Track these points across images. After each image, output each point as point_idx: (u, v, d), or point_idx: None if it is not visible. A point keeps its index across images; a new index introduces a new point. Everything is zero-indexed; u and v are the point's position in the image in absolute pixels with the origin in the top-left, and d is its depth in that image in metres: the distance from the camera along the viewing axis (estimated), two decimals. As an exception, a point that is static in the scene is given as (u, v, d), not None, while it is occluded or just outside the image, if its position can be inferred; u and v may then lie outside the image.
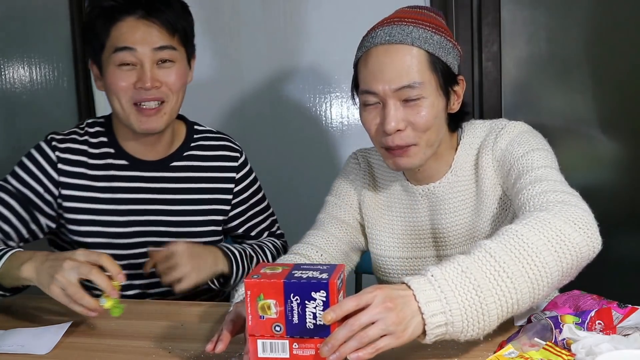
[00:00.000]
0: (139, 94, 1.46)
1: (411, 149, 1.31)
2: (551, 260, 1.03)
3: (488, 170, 1.36)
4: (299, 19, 2.32)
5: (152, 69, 1.46)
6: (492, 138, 1.37)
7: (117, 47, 1.45)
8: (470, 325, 0.99)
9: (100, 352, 1.21)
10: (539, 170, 1.25)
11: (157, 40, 1.46)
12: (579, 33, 2.24)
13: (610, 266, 2.30)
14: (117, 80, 1.46)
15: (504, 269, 1.00)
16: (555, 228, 1.06)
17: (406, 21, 1.30)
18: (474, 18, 2.24)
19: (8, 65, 2.27)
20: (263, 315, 0.98)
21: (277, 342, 0.98)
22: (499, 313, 1.00)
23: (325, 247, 1.43)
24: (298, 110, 2.37)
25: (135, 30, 1.45)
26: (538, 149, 1.31)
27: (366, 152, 1.55)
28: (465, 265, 1.00)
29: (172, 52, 1.49)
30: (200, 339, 1.24)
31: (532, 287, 1.02)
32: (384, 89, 1.28)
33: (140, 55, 1.45)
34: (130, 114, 1.48)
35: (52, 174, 1.52)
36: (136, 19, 1.46)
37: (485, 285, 0.99)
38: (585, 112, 2.27)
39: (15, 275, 1.29)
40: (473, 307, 0.98)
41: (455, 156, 1.40)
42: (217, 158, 1.65)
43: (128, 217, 1.56)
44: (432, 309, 0.97)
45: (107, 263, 1.22)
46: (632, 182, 2.26)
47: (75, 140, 1.56)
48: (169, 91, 1.49)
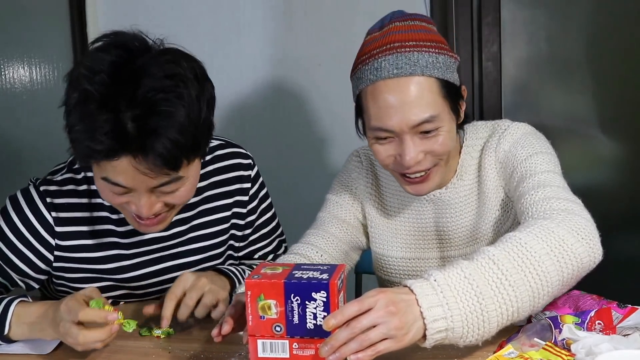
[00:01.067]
0: (137, 211, 1.22)
1: (431, 172, 1.29)
2: (553, 270, 1.03)
3: (491, 172, 1.35)
4: (299, 19, 2.32)
5: (149, 198, 1.19)
6: (495, 140, 1.36)
7: (106, 178, 1.17)
8: (470, 331, 0.99)
9: (101, 352, 1.21)
10: (542, 175, 1.24)
11: (157, 179, 1.16)
12: (579, 33, 2.23)
13: (610, 266, 2.29)
14: (106, 197, 1.23)
15: (507, 277, 1.00)
16: (559, 237, 1.06)
17: (408, 46, 1.24)
18: (474, 18, 2.24)
19: (8, 65, 2.27)
20: (263, 316, 0.97)
21: (277, 342, 0.98)
22: (499, 320, 1.00)
23: (325, 247, 1.43)
24: (298, 110, 2.36)
25: (128, 172, 1.14)
26: (542, 152, 1.30)
27: (368, 150, 1.53)
28: (469, 271, 1.00)
29: (178, 182, 1.20)
30: (200, 339, 1.24)
31: (532, 296, 1.02)
32: (400, 127, 1.23)
33: (134, 190, 1.18)
34: (128, 218, 1.28)
35: (47, 239, 1.34)
36: (129, 162, 1.12)
37: (487, 293, 0.99)
38: (585, 112, 2.27)
39: (34, 336, 1.22)
40: (474, 313, 0.98)
41: (460, 160, 1.39)
42: (230, 181, 1.47)
43: (143, 270, 1.42)
44: (434, 314, 0.97)
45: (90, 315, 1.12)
46: (632, 182, 2.26)
47: (74, 193, 1.35)
48: (172, 206, 1.26)
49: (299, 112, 2.36)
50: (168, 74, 1.12)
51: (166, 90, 1.11)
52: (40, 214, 1.33)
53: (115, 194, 1.20)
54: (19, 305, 1.21)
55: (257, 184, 1.52)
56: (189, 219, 1.44)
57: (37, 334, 1.21)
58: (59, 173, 1.38)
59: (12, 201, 1.35)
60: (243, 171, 1.49)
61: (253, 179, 1.51)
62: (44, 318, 1.18)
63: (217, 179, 1.46)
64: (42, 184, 1.35)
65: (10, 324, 1.20)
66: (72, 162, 1.39)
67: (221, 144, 1.50)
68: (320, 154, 2.36)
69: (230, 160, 1.48)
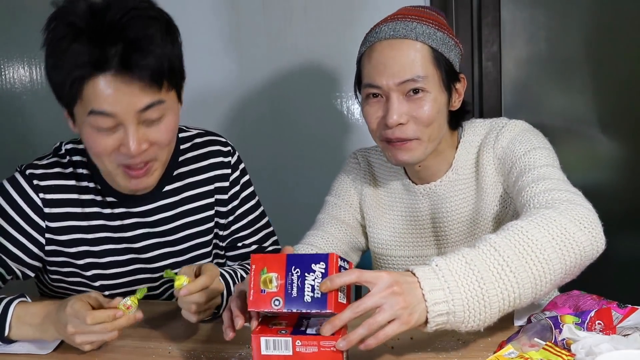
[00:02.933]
0: (124, 158, 1.23)
1: (412, 143, 1.31)
2: (555, 258, 1.04)
3: (489, 168, 1.36)
4: (299, 19, 2.32)
5: (137, 131, 1.20)
6: (493, 136, 1.37)
7: (92, 110, 1.18)
8: (471, 316, 0.99)
9: (101, 352, 1.21)
10: (541, 169, 1.25)
11: (142, 99, 1.19)
12: (579, 33, 2.24)
13: (610, 266, 2.30)
14: (95, 145, 1.23)
15: (508, 264, 1.01)
16: (561, 226, 1.06)
17: (410, 17, 1.32)
18: (474, 18, 2.24)
19: (8, 65, 2.27)
20: (264, 290, 0.99)
21: (280, 340, 0.98)
22: (500, 306, 1.01)
23: (325, 247, 1.44)
24: (298, 111, 2.37)
25: (112, 91, 1.16)
26: (539, 147, 1.32)
27: (366, 151, 1.55)
28: (470, 257, 1.01)
29: (161, 106, 1.22)
30: (200, 339, 1.24)
31: (534, 283, 1.02)
32: (387, 83, 1.29)
33: (121, 119, 1.19)
34: (117, 174, 1.28)
35: (37, 221, 1.35)
36: (112, 76, 1.16)
37: (489, 278, 1.00)
38: (585, 112, 2.27)
39: (35, 337, 1.21)
40: (475, 298, 0.99)
41: (456, 154, 1.41)
42: (210, 168, 1.48)
43: (128, 256, 1.43)
44: (435, 297, 0.97)
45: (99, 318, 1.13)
46: (632, 182, 2.26)
47: (60, 175, 1.37)
48: (158, 149, 1.26)
49: (298, 112, 2.36)
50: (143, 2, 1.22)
51: (142, 14, 1.19)
52: (28, 196, 1.34)
53: (104, 135, 1.21)
54: (18, 305, 1.21)
55: (238, 171, 1.52)
56: (174, 205, 1.45)
57: (38, 335, 1.21)
58: (44, 158, 1.41)
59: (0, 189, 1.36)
60: (223, 157, 1.49)
61: (233, 165, 1.51)
62: (47, 319, 1.18)
63: (197, 165, 1.47)
64: (28, 168, 1.37)
65: (10, 325, 1.20)
66: (56, 148, 1.42)
67: (200, 132, 1.52)
68: (320, 154, 2.36)
69: (208, 147, 1.49)
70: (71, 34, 1.17)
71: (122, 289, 1.45)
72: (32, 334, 1.21)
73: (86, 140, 1.25)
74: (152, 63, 1.17)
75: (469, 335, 1.16)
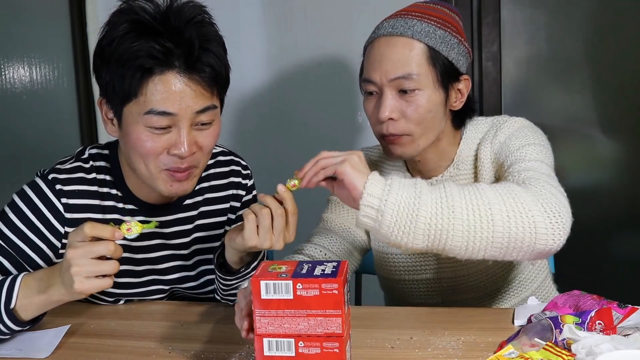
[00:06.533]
0: (172, 161, 1.24)
1: (403, 139, 1.33)
2: (499, 219, 1.05)
3: (486, 162, 1.38)
4: (299, 19, 2.32)
5: (189, 133, 1.22)
6: (492, 132, 1.39)
7: (151, 109, 1.19)
8: (397, 224, 1.05)
9: (100, 352, 1.21)
10: (529, 162, 1.26)
11: (200, 102, 1.22)
12: (579, 33, 2.24)
13: (610, 266, 2.30)
14: (145, 143, 1.22)
15: (448, 199, 1.07)
16: (519, 198, 1.08)
17: (412, 15, 1.33)
18: (474, 18, 2.24)
19: (8, 65, 2.27)
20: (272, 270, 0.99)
21: (282, 341, 0.98)
22: (425, 230, 1.05)
23: (330, 246, 1.44)
24: (298, 110, 2.36)
25: (175, 90, 1.19)
26: (535, 143, 1.32)
27: (368, 150, 1.56)
28: (420, 183, 1.09)
29: (213, 111, 1.25)
30: (200, 339, 1.24)
31: (467, 229, 1.05)
32: (380, 79, 1.31)
33: (178, 119, 1.21)
34: (158, 178, 1.26)
35: (56, 226, 1.33)
36: (176, 74, 1.19)
37: (425, 201, 1.05)
38: (585, 112, 2.27)
39: (41, 302, 1.17)
40: (406, 209, 1.05)
41: (458, 150, 1.42)
42: (228, 186, 1.48)
43: (143, 267, 1.41)
44: (372, 189, 1.06)
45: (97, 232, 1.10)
46: (632, 182, 2.25)
47: (84, 181, 1.35)
48: (203, 156, 1.28)
49: (298, 112, 2.36)
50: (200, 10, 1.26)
51: (204, 19, 1.25)
52: (50, 201, 1.32)
53: (156, 136, 1.21)
54: (25, 276, 1.19)
55: (251, 195, 1.53)
56: (191, 219, 1.44)
57: (44, 300, 1.16)
58: (66, 162, 1.38)
59: (19, 194, 1.33)
60: (241, 179, 1.50)
61: (248, 188, 1.52)
62: (52, 277, 1.15)
63: (217, 182, 1.48)
64: (50, 173, 1.35)
65: (17, 295, 1.16)
66: (79, 152, 1.40)
67: (223, 151, 1.53)
68: (320, 154, 2.36)
69: (230, 167, 1.50)
70: (137, 30, 1.19)
71: (132, 297, 1.44)
72: (38, 300, 1.16)
73: (135, 140, 1.23)
74: (213, 64, 1.22)
75: (469, 336, 1.16)
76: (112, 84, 1.22)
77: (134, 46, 1.18)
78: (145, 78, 1.19)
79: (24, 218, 1.31)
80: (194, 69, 1.20)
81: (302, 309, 0.96)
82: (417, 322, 1.27)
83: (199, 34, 1.21)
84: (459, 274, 1.44)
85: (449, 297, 1.47)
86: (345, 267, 0.99)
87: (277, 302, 0.96)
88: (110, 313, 1.40)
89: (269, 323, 0.97)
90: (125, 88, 1.20)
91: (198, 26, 1.22)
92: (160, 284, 1.45)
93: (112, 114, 1.27)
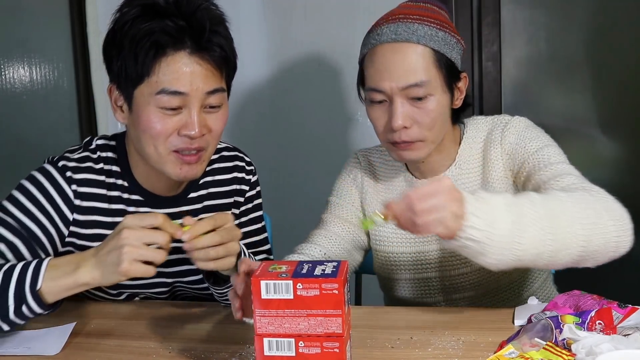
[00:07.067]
0: (182, 142, 1.26)
1: (416, 144, 1.33)
2: (581, 235, 1.08)
3: (497, 163, 1.39)
4: (299, 19, 2.32)
5: (199, 114, 1.26)
6: (498, 132, 1.40)
7: (163, 89, 1.23)
8: (494, 252, 1.03)
9: (100, 352, 1.21)
10: (558, 165, 1.29)
11: (210, 83, 1.26)
12: (579, 33, 2.24)
13: (611, 266, 2.30)
14: (157, 124, 1.25)
15: (542, 220, 1.06)
16: (595, 210, 1.12)
17: (411, 18, 1.32)
18: (474, 18, 2.24)
19: (8, 65, 2.27)
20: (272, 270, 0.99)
21: (282, 341, 0.98)
22: (520, 256, 1.05)
23: (329, 246, 1.44)
24: (298, 110, 2.37)
25: (187, 70, 1.23)
26: (550, 144, 1.36)
27: (366, 151, 1.56)
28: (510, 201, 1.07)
29: (222, 94, 1.29)
30: (200, 339, 1.24)
31: (554, 251, 1.07)
32: (390, 87, 1.30)
33: (189, 99, 1.24)
34: (168, 161, 1.28)
35: (65, 212, 1.33)
36: (188, 55, 1.23)
37: (524, 225, 1.05)
38: (585, 112, 2.27)
39: (68, 285, 1.14)
40: (505, 238, 1.03)
41: (459, 150, 1.43)
42: (232, 181, 1.50)
43: None
44: (473, 221, 1.02)
45: (165, 224, 1.12)
46: (632, 182, 2.25)
47: (92, 170, 1.37)
48: (212, 139, 1.31)
49: (298, 112, 2.36)
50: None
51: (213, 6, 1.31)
52: (60, 187, 1.33)
53: (167, 116, 1.24)
54: (52, 259, 1.17)
55: (254, 191, 1.54)
56: (195, 213, 1.44)
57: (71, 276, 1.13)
58: (75, 152, 1.39)
59: (29, 179, 1.34)
60: (245, 174, 1.52)
61: (252, 184, 1.53)
62: (81, 255, 1.14)
63: (221, 177, 1.49)
64: (60, 160, 1.36)
65: (43, 277, 1.14)
66: (87, 143, 1.41)
67: (228, 147, 1.54)
68: (320, 154, 2.36)
69: (234, 162, 1.52)
70: (149, 13, 1.23)
71: (135, 290, 1.44)
72: (64, 283, 1.13)
73: (146, 122, 1.26)
74: (223, 44, 1.27)
75: (469, 336, 1.16)
76: (124, 66, 1.24)
77: (147, 25, 1.22)
78: (157, 57, 1.22)
79: (34, 201, 1.32)
80: (205, 49, 1.24)
81: (302, 309, 0.96)
82: (417, 322, 1.26)
83: (210, 16, 1.26)
84: (461, 272, 1.44)
85: (450, 295, 1.47)
86: (345, 267, 0.99)
87: (278, 302, 0.96)
88: (110, 313, 1.40)
89: (269, 323, 0.97)
90: (137, 69, 1.23)
91: (208, 10, 1.27)
92: (163, 276, 1.44)
93: (122, 99, 1.29)
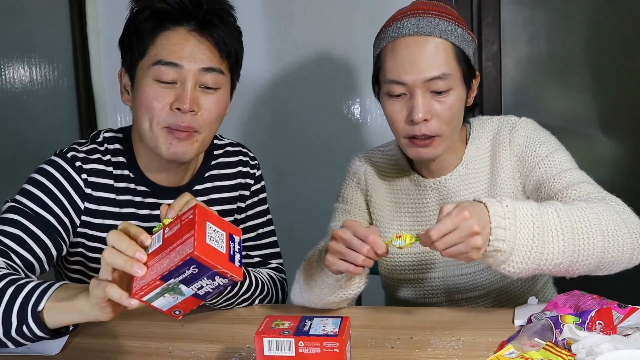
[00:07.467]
0: (173, 117, 1.29)
1: (435, 140, 1.33)
2: (600, 248, 1.12)
3: (506, 164, 1.40)
4: (299, 19, 2.31)
5: (193, 90, 1.30)
6: (506, 134, 1.41)
7: (160, 60, 1.29)
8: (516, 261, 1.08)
9: (100, 352, 1.21)
10: (571, 172, 1.32)
11: (206, 60, 1.30)
12: (579, 33, 2.24)
13: (611, 266, 2.30)
14: (151, 97, 1.30)
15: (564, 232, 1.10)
16: (614, 223, 1.16)
17: (431, 13, 1.32)
18: (474, 18, 2.24)
19: (8, 65, 2.27)
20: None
21: (283, 341, 0.98)
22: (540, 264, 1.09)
23: None
24: (298, 110, 2.36)
25: (184, 43, 1.29)
26: (559, 149, 1.38)
27: (368, 153, 1.56)
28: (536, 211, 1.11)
29: (219, 76, 1.33)
30: (200, 339, 1.24)
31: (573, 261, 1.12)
32: (413, 80, 1.29)
33: (184, 73, 1.29)
34: (159, 136, 1.31)
35: (77, 201, 1.36)
36: (188, 31, 1.30)
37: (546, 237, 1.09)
38: (585, 112, 2.27)
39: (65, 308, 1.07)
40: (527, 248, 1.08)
41: (466, 149, 1.43)
42: (237, 175, 1.53)
43: None
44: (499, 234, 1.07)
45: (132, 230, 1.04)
46: (632, 182, 2.25)
47: (100, 161, 1.39)
48: (204, 121, 1.32)
49: (298, 112, 2.36)
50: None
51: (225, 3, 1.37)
52: (70, 176, 1.36)
53: (162, 89, 1.29)
54: (64, 284, 1.13)
55: (259, 185, 1.58)
56: None
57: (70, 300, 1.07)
58: (83, 145, 1.41)
59: (39, 172, 1.35)
60: (249, 168, 1.56)
61: (257, 178, 1.57)
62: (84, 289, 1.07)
63: (226, 171, 1.52)
64: (69, 151, 1.38)
65: (49, 297, 1.08)
66: (94, 136, 1.43)
67: (232, 142, 1.58)
68: (321, 154, 2.36)
69: (238, 157, 1.55)
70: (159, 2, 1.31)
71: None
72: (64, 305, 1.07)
73: (143, 95, 1.30)
74: (227, 30, 1.32)
75: (469, 336, 1.16)
76: (131, 43, 1.32)
77: (152, 6, 1.30)
78: (158, 31, 1.30)
79: (47, 191, 1.33)
80: (205, 29, 1.30)
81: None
82: (417, 322, 1.27)
83: (219, 6, 1.33)
84: (464, 272, 1.44)
85: (453, 295, 1.46)
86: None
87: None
88: (110, 313, 1.40)
89: None
90: (139, 44, 1.31)
91: (217, 2, 1.34)
92: None
93: (128, 79, 1.36)
